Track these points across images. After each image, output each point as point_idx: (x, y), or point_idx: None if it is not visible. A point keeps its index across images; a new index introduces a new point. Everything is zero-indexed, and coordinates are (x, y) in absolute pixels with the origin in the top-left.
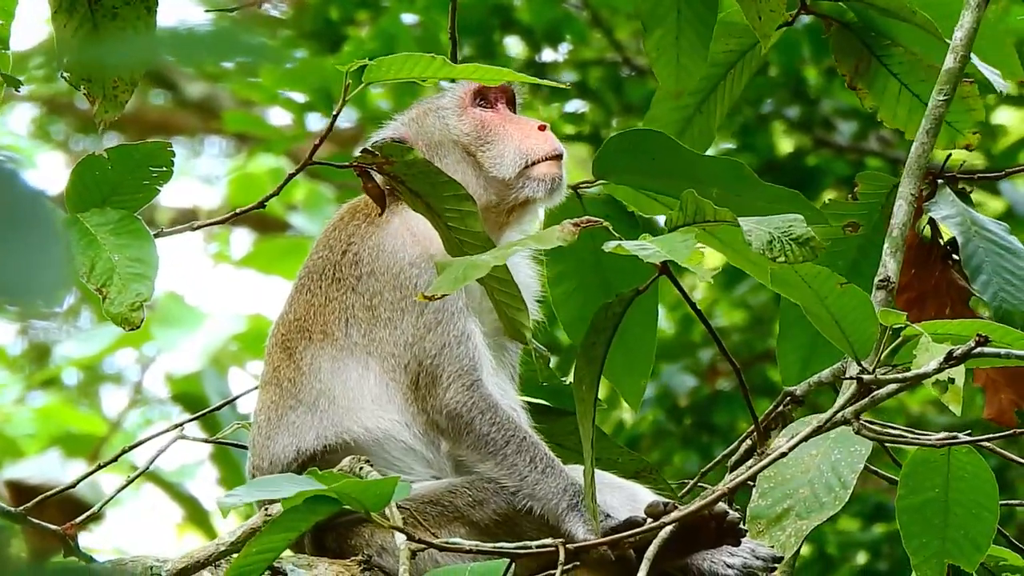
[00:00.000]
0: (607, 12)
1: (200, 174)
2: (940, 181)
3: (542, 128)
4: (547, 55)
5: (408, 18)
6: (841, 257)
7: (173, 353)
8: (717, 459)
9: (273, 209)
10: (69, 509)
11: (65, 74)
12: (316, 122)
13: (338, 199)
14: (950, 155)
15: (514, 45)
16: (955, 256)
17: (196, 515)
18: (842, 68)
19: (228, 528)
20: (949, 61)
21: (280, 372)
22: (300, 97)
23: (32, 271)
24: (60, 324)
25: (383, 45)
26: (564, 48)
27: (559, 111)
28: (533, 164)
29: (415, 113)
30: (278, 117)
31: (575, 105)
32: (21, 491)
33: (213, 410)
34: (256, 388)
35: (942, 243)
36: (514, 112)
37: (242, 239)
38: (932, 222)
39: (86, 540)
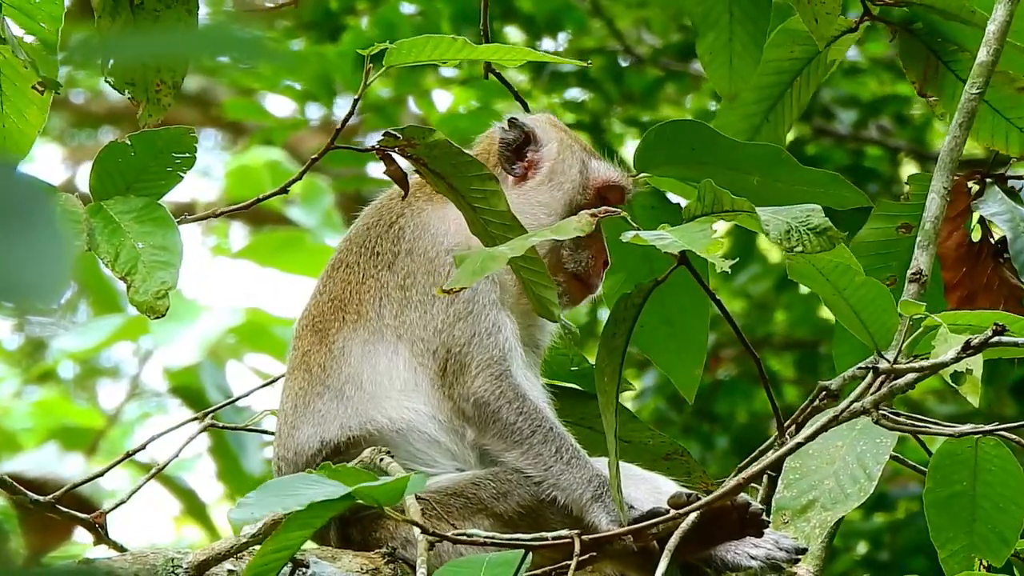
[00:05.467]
0: (607, 1)
1: (197, 167)
2: (989, 179)
3: (605, 264)
4: (547, 44)
5: (407, 7)
6: (894, 259)
7: (170, 346)
8: (754, 454)
9: (270, 202)
10: (65, 501)
11: (109, 78)
12: (316, 111)
13: (334, 188)
14: (997, 152)
15: (514, 34)
16: (1006, 254)
17: (194, 508)
18: (910, 75)
19: (225, 523)
20: (982, 55)
21: (310, 357)
22: (300, 85)
23: (31, 268)
24: (58, 319)
25: (383, 34)
26: (564, 37)
27: (560, 99)
28: (577, 279)
29: (564, 139)
30: (276, 107)
31: (575, 93)
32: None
33: (236, 400)
34: (264, 385)
35: (992, 241)
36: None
37: (239, 232)
38: (982, 220)
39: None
